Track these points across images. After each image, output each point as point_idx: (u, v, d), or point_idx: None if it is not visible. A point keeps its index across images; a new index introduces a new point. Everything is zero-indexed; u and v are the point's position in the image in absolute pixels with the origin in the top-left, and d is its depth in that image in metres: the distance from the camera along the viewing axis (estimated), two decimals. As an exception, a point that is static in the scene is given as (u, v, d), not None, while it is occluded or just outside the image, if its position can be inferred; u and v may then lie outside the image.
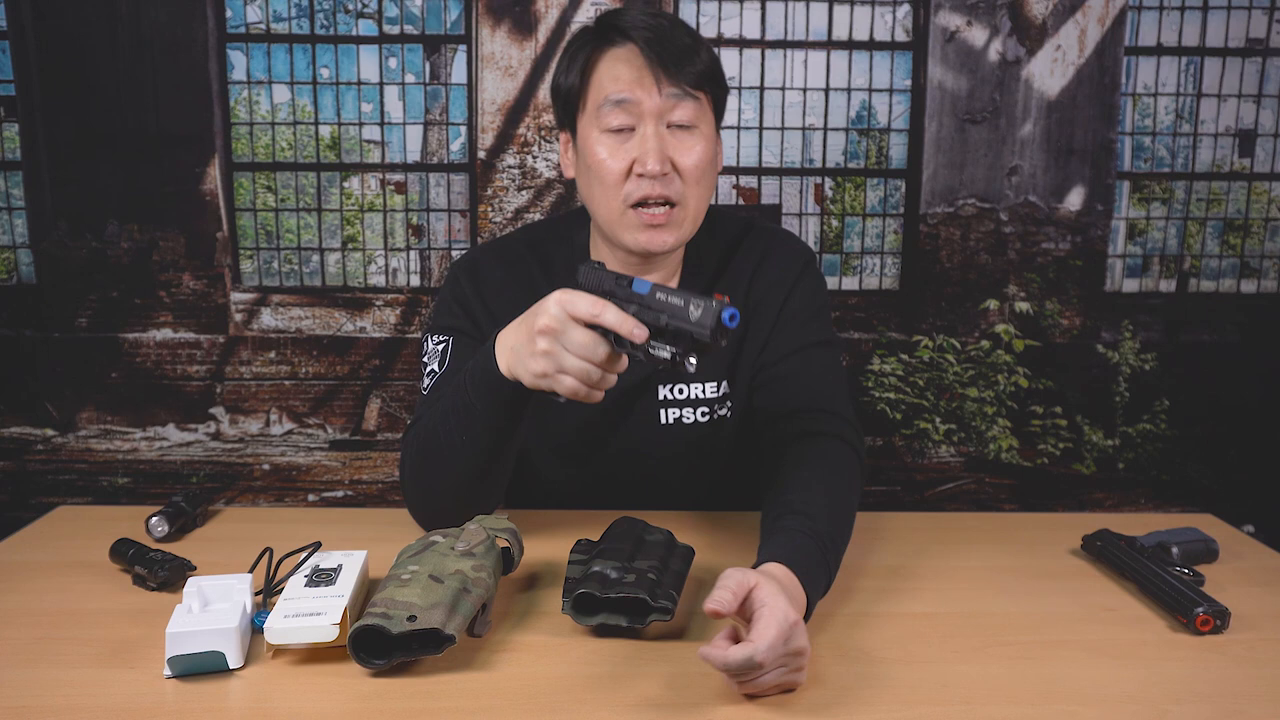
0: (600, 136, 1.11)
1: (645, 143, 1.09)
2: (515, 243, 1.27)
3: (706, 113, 1.13)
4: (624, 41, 1.10)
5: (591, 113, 1.12)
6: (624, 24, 1.11)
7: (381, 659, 0.81)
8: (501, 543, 0.97)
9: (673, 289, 0.86)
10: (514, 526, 1.00)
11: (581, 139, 1.14)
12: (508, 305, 1.16)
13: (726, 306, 0.81)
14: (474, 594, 0.86)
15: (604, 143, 1.11)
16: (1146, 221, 2.35)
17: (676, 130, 1.11)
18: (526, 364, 0.95)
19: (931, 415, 2.37)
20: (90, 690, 0.79)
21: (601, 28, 1.13)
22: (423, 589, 0.83)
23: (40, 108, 2.19)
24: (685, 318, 0.82)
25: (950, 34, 2.25)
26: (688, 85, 1.09)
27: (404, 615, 0.80)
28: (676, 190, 1.11)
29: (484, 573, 0.89)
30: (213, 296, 2.29)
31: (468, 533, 0.93)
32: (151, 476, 2.34)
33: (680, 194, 1.11)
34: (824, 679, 0.83)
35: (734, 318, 0.81)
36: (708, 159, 1.13)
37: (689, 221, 1.14)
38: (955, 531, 1.20)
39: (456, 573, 0.87)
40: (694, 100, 1.10)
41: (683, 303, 0.83)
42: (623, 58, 1.10)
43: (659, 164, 1.08)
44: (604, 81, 1.10)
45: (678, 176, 1.11)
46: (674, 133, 1.11)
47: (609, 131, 1.11)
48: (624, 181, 1.11)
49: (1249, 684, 0.84)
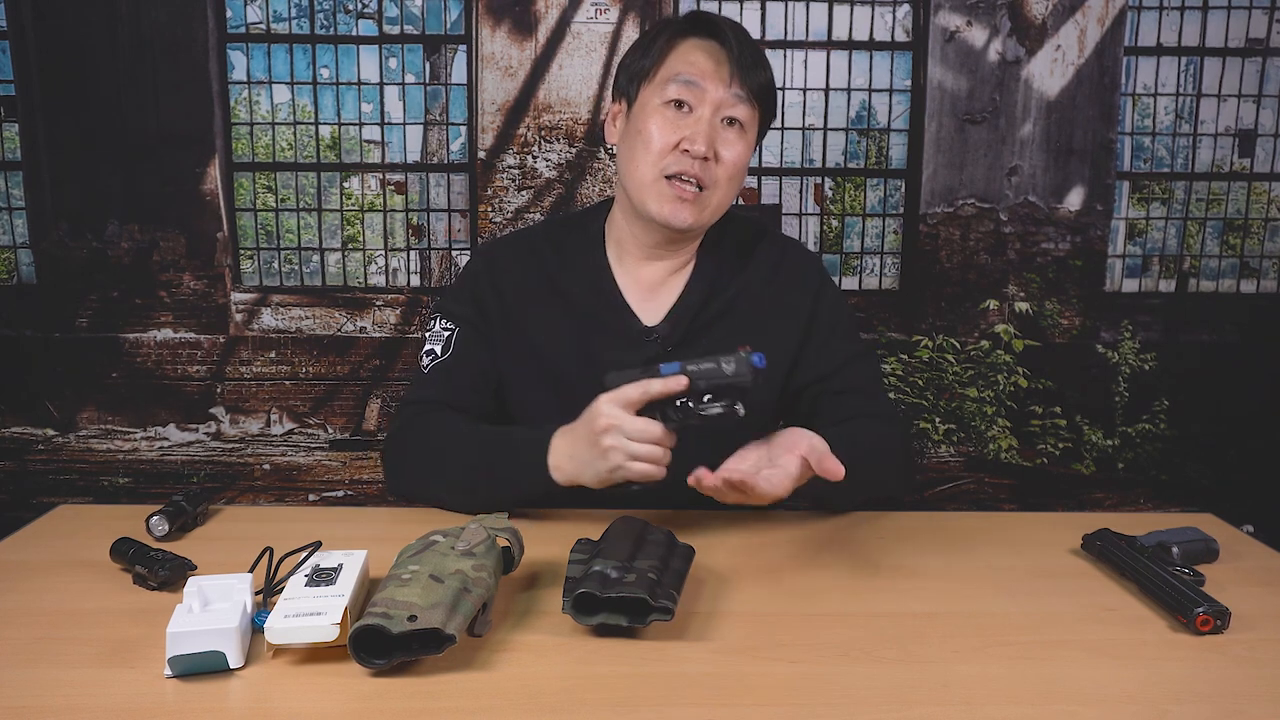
0: (660, 107, 1.19)
1: (699, 125, 1.17)
2: (533, 235, 1.34)
3: (755, 121, 1.23)
4: (711, 37, 1.20)
5: (658, 84, 1.20)
6: (705, 22, 1.21)
7: (382, 659, 0.81)
8: (502, 542, 0.97)
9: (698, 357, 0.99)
10: (514, 526, 1.00)
11: (640, 105, 1.22)
12: (522, 298, 1.27)
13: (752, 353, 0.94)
14: (474, 593, 0.86)
15: (662, 113, 1.19)
16: (1146, 221, 2.35)
17: (727, 126, 1.20)
18: (595, 466, 1.06)
19: (931, 415, 2.37)
20: (90, 690, 0.79)
21: (692, 19, 1.23)
22: (423, 589, 0.83)
23: (40, 108, 2.20)
24: (721, 375, 0.94)
25: (950, 34, 2.25)
26: (752, 90, 1.19)
27: (405, 615, 0.80)
28: (711, 175, 1.19)
29: (484, 572, 0.89)
30: (213, 296, 2.29)
31: (468, 532, 0.93)
32: (152, 476, 2.34)
33: (713, 180, 1.20)
34: (824, 679, 0.83)
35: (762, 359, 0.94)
36: (745, 160, 1.22)
37: (711, 209, 1.22)
38: (955, 531, 1.20)
39: (457, 572, 0.87)
40: (750, 106, 1.20)
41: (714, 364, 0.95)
42: (705, 49, 1.19)
43: (705, 147, 1.17)
44: (680, 62, 1.19)
45: (716, 165, 1.19)
46: (725, 127, 1.19)
47: (669, 103, 1.19)
48: (667, 153, 1.18)
49: (1249, 684, 0.84)
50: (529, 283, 1.28)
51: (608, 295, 1.27)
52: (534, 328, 1.27)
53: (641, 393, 1.01)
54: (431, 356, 1.27)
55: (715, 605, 0.96)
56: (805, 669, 0.85)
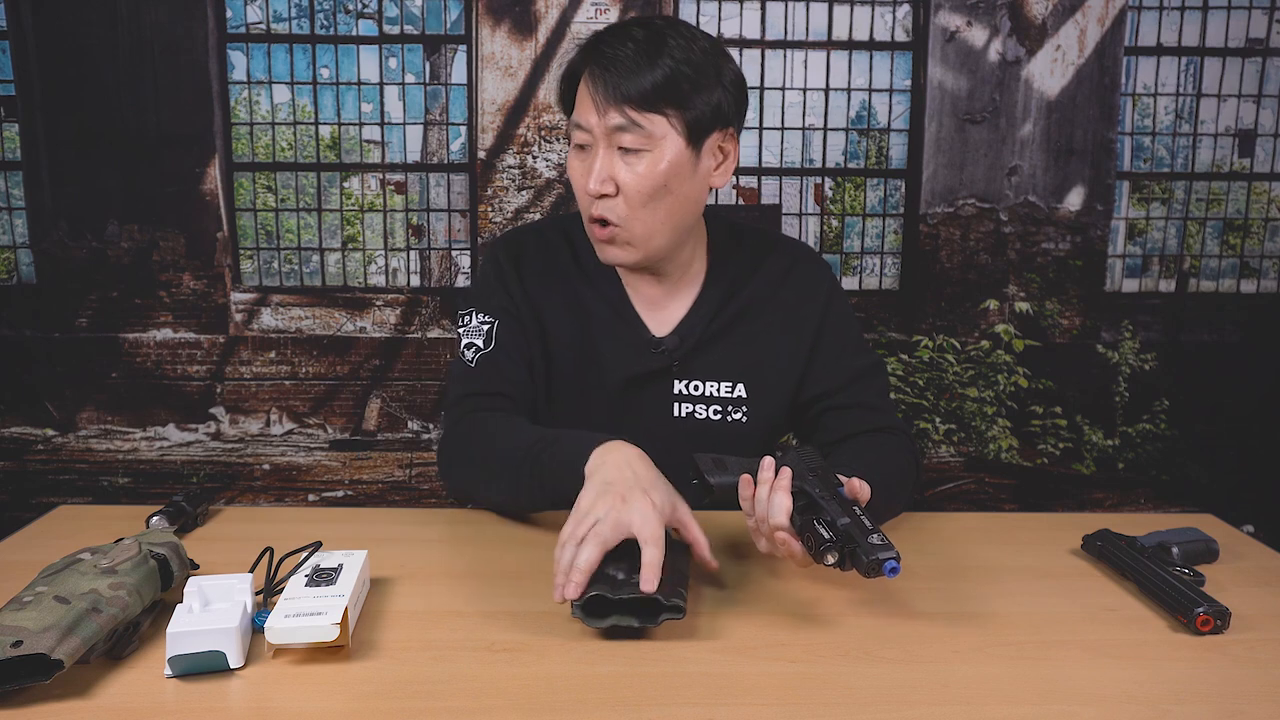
0: (573, 152, 1.18)
1: (591, 164, 1.14)
2: (551, 231, 1.32)
3: (667, 135, 1.12)
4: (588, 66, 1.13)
5: (570, 129, 1.18)
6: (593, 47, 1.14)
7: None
8: (159, 560, 0.92)
9: (868, 511, 0.93)
10: (177, 540, 0.97)
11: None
12: (540, 291, 1.26)
13: (896, 561, 0.87)
14: (107, 613, 0.82)
15: (574, 159, 1.18)
16: (1146, 221, 2.35)
17: (626, 153, 1.13)
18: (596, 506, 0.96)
19: (931, 415, 2.37)
20: (90, 690, 0.79)
21: (582, 48, 1.16)
22: (41, 611, 0.79)
23: (40, 108, 2.20)
24: (864, 534, 0.89)
25: (950, 34, 2.25)
26: (633, 113, 1.10)
27: (9, 641, 0.75)
28: (615, 212, 1.14)
29: (123, 591, 0.84)
30: (213, 296, 2.29)
31: (119, 548, 0.89)
32: (152, 476, 2.34)
33: (620, 215, 1.14)
34: (825, 679, 0.83)
35: (894, 570, 0.87)
36: (657, 182, 1.13)
37: (639, 240, 1.17)
38: (955, 531, 1.20)
39: (90, 592, 0.82)
40: (639, 129, 1.11)
41: (871, 526, 0.90)
42: (588, 80, 1.13)
43: (597, 184, 1.13)
44: (578, 103, 1.15)
45: (621, 198, 1.14)
46: (624, 155, 1.13)
47: (578, 147, 1.17)
48: (584, 198, 1.16)
49: (1249, 684, 0.84)
50: (547, 277, 1.27)
51: (618, 304, 1.27)
52: (547, 320, 1.27)
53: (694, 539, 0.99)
54: (475, 350, 1.24)
55: (715, 605, 0.96)
56: (805, 669, 0.85)
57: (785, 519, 0.93)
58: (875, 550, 0.87)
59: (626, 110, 1.10)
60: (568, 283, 1.27)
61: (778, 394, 1.29)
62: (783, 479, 0.95)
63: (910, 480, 1.24)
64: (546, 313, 1.27)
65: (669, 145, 1.12)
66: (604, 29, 1.17)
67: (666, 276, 1.26)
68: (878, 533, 0.89)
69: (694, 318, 1.27)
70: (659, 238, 1.18)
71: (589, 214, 1.17)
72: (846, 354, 1.29)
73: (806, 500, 0.95)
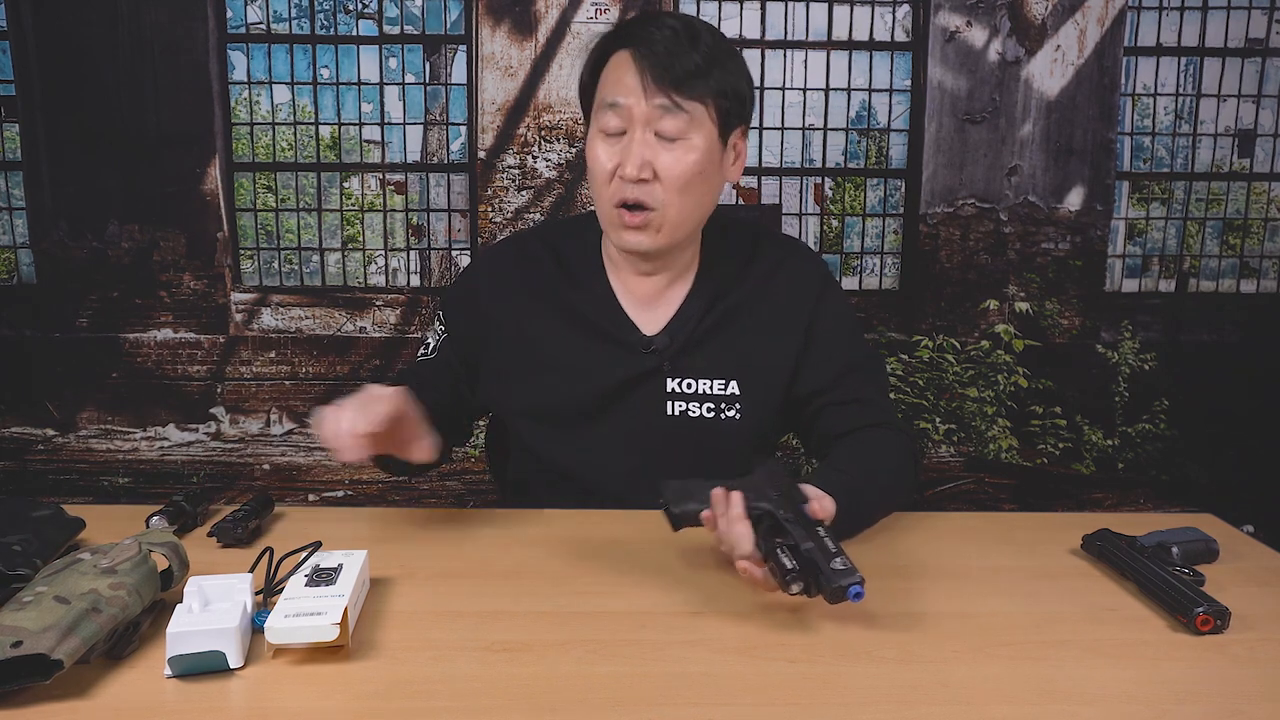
0: (598, 136, 1.16)
1: (629, 148, 1.13)
2: (533, 240, 1.32)
3: (703, 124, 1.14)
4: (631, 46, 1.13)
5: (596, 113, 1.17)
6: (631, 29, 1.15)
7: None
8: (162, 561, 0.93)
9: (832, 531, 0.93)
10: (177, 541, 0.96)
11: (590, 134, 1.19)
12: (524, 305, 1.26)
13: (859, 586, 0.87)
14: (107, 613, 0.82)
15: (600, 143, 1.16)
16: (1146, 221, 2.35)
17: (664, 140, 1.13)
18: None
19: (931, 415, 2.37)
20: (90, 690, 0.79)
21: (622, 27, 1.17)
22: (41, 611, 0.79)
23: (40, 108, 2.20)
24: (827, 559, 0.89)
25: (950, 34, 2.25)
26: (678, 97, 1.11)
27: (9, 641, 0.76)
28: (654, 196, 1.14)
29: (123, 591, 0.84)
30: (213, 296, 2.29)
31: (119, 548, 0.89)
32: (152, 476, 2.34)
33: (659, 200, 1.15)
34: (825, 679, 0.83)
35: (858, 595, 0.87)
36: (694, 170, 1.14)
37: (670, 227, 1.17)
38: (955, 531, 1.20)
39: (89, 592, 0.82)
40: (682, 113, 1.12)
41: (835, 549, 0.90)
42: (624, 63, 1.13)
43: (636, 169, 1.12)
44: (609, 84, 1.15)
45: (659, 184, 1.14)
46: (662, 141, 1.13)
47: (605, 132, 1.15)
48: (610, 181, 1.15)
49: (1249, 684, 0.84)
50: (531, 290, 1.27)
51: (607, 306, 1.26)
52: (535, 334, 1.26)
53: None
54: (426, 347, 1.32)
55: (715, 605, 0.96)
56: (805, 669, 0.85)
57: (750, 547, 0.93)
58: (837, 577, 0.88)
59: (672, 94, 1.11)
60: (554, 291, 1.27)
61: (771, 390, 1.28)
62: (735, 507, 0.95)
63: (908, 477, 1.23)
64: (532, 326, 1.26)
65: (705, 133, 1.14)
66: (635, 16, 1.18)
67: (664, 271, 1.26)
68: (840, 555, 0.89)
69: (684, 315, 1.26)
70: (688, 225, 1.19)
71: (617, 199, 1.15)
72: (840, 349, 1.27)
73: (771, 522, 0.95)
